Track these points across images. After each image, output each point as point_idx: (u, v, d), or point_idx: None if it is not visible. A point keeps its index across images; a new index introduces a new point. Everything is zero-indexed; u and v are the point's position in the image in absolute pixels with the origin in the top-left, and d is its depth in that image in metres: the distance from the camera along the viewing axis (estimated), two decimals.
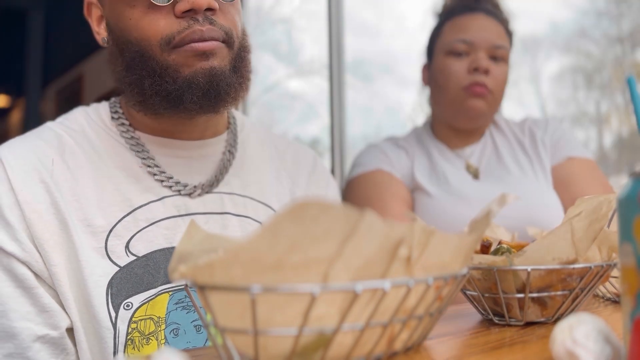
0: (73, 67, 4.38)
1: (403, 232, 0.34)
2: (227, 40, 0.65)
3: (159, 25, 0.62)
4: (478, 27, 1.11)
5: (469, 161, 1.15)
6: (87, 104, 0.75)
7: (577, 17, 2.14)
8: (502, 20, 1.14)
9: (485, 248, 0.54)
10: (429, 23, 1.20)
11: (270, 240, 0.30)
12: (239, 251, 0.31)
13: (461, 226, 0.84)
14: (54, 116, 0.73)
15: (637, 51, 2.12)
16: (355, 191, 1.16)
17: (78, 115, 0.71)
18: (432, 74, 1.17)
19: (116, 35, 0.66)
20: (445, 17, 1.16)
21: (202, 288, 0.33)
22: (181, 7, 0.61)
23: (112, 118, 0.71)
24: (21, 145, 0.66)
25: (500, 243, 0.54)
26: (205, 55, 0.63)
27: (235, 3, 0.68)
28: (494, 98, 1.11)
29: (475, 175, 1.13)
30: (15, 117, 5.77)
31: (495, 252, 0.51)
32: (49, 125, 0.70)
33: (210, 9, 0.63)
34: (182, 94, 0.62)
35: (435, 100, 1.17)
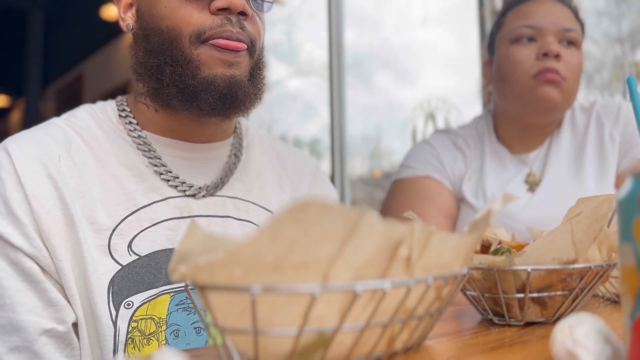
0: (73, 67, 4.38)
1: (403, 232, 0.34)
2: (251, 49, 0.67)
3: (192, 17, 0.64)
4: (544, 11, 1.01)
5: (532, 169, 1.04)
6: (93, 101, 0.75)
7: None
8: (570, 6, 1.04)
9: (485, 248, 0.54)
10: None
11: (270, 241, 0.30)
12: (239, 251, 0.31)
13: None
14: (53, 116, 0.72)
15: (637, 51, 2.12)
16: (400, 194, 1.08)
17: (84, 113, 0.71)
18: (495, 68, 1.06)
19: (145, 21, 0.67)
20: (508, 6, 1.06)
21: (202, 288, 0.33)
22: (218, 4, 0.63)
23: (120, 116, 0.71)
24: (28, 140, 0.65)
25: (500, 243, 0.54)
26: (228, 63, 0.64)
27: (262, 16, 0.70)
28: (569, 87, 0.99)
29: (532, 187, 1.02)
30: (15, 117, 5.78)
31: (495, 252, 0.51)
32: (55, 121, 0.70)
33: (243, 14, 0.65)
34: (199, 92, 0.63)
35: (500, 95, 1.05)
